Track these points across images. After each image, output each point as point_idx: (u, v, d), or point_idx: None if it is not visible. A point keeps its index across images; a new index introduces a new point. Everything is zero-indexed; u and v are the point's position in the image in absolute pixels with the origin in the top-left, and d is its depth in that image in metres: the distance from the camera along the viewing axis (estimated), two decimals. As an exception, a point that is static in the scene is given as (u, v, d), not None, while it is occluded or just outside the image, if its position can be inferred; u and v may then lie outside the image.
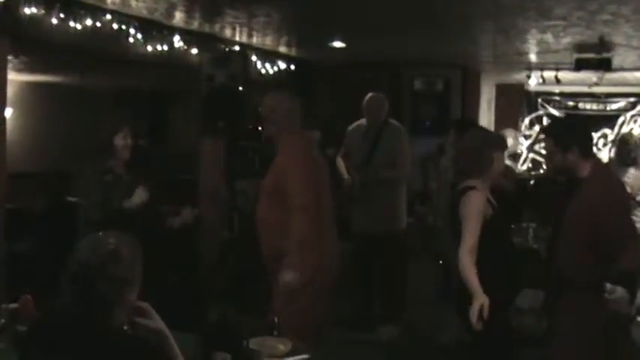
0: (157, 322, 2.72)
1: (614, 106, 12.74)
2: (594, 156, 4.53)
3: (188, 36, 7.94)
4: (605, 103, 12.76)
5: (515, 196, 6.22)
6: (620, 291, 3.89)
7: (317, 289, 4.79)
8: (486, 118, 12.08)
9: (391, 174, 7.16)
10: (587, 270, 4.14)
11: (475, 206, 4.43)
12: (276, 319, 3.80)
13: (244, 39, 8.68)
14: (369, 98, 7.23)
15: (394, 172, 7.16)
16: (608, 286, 3.89)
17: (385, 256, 7.25)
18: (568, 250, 4.19)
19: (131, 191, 5.29)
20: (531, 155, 12.95)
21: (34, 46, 8.05)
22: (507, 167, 6.59)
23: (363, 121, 7.36)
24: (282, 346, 3.57)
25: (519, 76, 11.20)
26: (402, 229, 7.36)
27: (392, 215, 7.24)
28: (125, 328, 2.62)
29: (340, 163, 7.34)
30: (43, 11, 6.25)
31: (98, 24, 6.74)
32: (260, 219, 4.97)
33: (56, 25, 6.48)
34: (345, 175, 7.22)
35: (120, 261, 2.57)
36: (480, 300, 4.20)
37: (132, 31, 7.18)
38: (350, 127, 7.47)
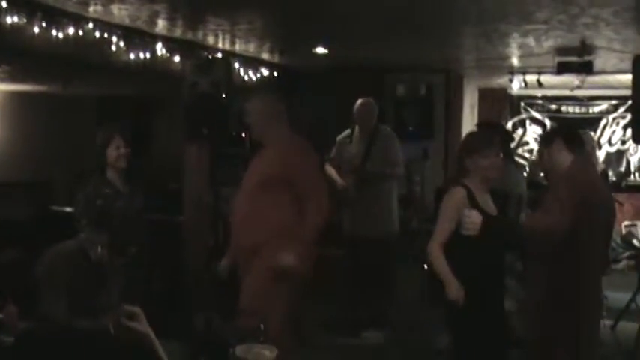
0: (145, 327, 2.74)
1: (597, 109, 12.80)
2: (580, 152, 4.58)
3: (171, 43, 7.93)
4: (587, 105, 12.82)
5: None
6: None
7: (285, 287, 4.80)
8: (469, 122, 12.09)
9: (388, 171, 7.29)
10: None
11: (451, 202, 4.45)
12: (262, 326, 3.80)
13: (227, 46, 8.68)
14: (359, 104, 7.36)
15: (391, 168, 7.29)
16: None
17: (376, 259, 7.28)
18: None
19: (129, 202, 5.34)
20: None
21: (16, 54, 8.02)
22: None
23: (354, 129, 7.48)
24: (268, 353, 3.57)
25: (502, 80, 11.24)
26: (394, 232, 7.42)
27: (385, 218, 7.32)
28: (111, 332, 2.63)
29: (331, 170, 7.40)
30: (24, 20, 6.23)
31: (80, 32, 6.72)
32: (243, 211, 5.01)
33: (38, 34, 6.46)
34: (339, 180, 7.29)
35: (91, 266, 2.57)
36: (453, 286, 4.24)
37: (114, 39, 7.17)
38: (340, 137, 7.56)
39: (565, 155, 4.52)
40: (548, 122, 12.98)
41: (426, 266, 7.52)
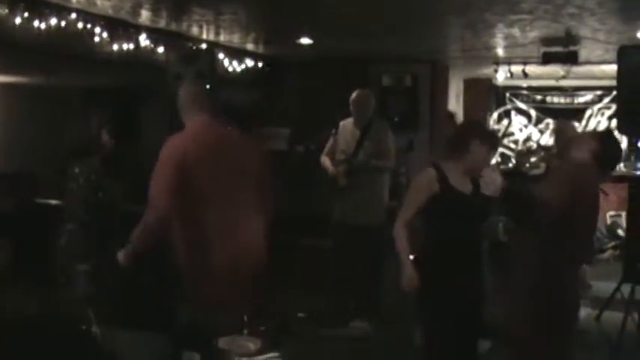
0: None
1: (582, 100, 12.82)
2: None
3: (155, 34, 7.89)
4: (572, 96, 12.84)
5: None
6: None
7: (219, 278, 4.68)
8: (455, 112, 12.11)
9: (378, 163, 7.30)
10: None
11: (419, 180, 4.47)
12: (245, 318, 3.78)
13: (211, 37, 8.65)
14: (356, 95, 7.38)
15: (381, 161, 7.31)
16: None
17: (364, 249, 7.29)
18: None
19: (111, 189, 5.30)
20: (500, 150, 13.00)
21: (-1, 46, 7.97)
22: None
23: (348, 120, 7.47)
24: (251, 345, 3.55)
25: (487, 71, 11.25)
26: (382, 223, 7.43)
27: (373, 209, 7.32)
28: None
29: (325, 159, 7.43)
30: (7, 11, 6.18)
31: (63, 23, 6.68)
32: None
33: (20, 25, 6.41)
34: (330, 168, 7.32)
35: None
36: (406, 272, 4.32)
37: (97, 30, 7.13)
38: (340, 126, 7.57)
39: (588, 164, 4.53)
40: (533, 113, 13.01)
41: (412, 257, 7.53)
